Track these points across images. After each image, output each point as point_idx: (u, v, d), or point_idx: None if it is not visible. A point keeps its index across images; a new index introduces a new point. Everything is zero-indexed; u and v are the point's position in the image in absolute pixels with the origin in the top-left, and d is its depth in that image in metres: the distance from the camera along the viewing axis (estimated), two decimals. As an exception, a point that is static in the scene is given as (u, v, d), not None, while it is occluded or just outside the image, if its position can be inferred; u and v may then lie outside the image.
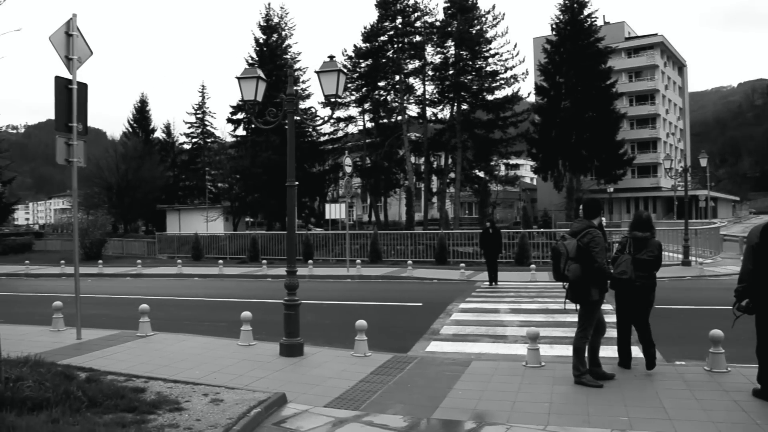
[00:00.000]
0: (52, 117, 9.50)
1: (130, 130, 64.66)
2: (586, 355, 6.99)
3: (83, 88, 9.79)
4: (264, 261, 26.23)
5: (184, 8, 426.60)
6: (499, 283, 17.66)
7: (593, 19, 50.55)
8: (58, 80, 9.42)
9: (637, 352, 7.65)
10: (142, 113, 65.33)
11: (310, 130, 47.17)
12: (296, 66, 47.29)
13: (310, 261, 24.60)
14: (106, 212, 47.02)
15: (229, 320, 11.82)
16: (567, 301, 7.01)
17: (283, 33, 48.21)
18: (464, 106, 46.31)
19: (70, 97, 9.47)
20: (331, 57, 8.71)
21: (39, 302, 15.83)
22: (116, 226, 53.68)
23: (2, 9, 6.13)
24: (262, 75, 8.65)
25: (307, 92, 47.71)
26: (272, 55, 46.43)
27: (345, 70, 8.52)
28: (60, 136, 9.42)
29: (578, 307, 6.92)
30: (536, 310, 12.82)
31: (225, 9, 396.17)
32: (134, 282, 22.32)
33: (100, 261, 28.90)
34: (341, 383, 7.12)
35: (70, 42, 9.59)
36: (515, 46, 45.82)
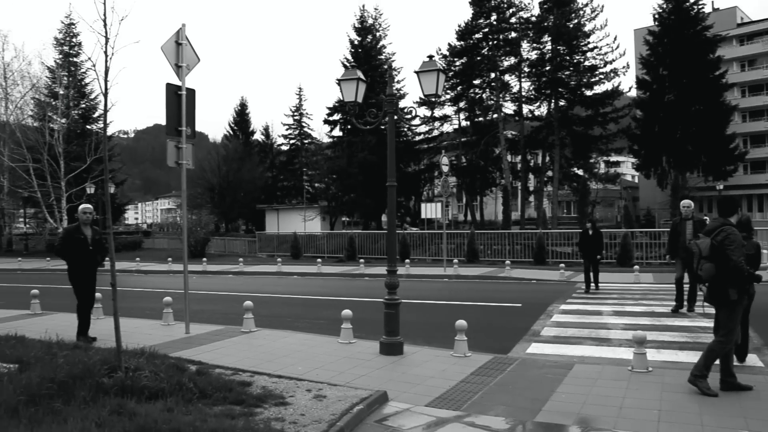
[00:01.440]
0: (159, 122, 10.01)
1: (231, 132, 67.11)
2: (717, 362, 6.62)
3: (191, 93, 10.23)
4: (361, 260, 26.55)
5: (282, 14, 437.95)
6: (600, 286, 17.01)
7: (700, 6, 47.99)
8: (169, 87, 9.88)
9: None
10: (242, 116, 67.66)
11: (406, 129, 47.39)
12: (391, 66, 47.61)
13: (407, 260, 24.70)
14: (209, 212, 49.03)
15: (329, 318, 12.03)
16: (705, 304, 6.73)
17: (378, 34, 48.73)
18: (562, 103, 45.27)
19: (179, 102, 9.92)
20: (430, 57, 8.70)
21: (149, 297, 16.63)
22: (218, 226, 55.84)
23: (124, 23, 6.49)
24: (362, 76, 8.75)
25: (402, 92, 48.00)
26: (367, 56, 47.01)
27: (444, 69, 8.47)
28: (170, 139, 9.88)
29: (717, 309, 6.59)
30: (641, 312, 12.34)
31: (321, 13, 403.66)
32: (236, 279, 23.10)
33: (204, 259, 30.14)
34: (441, 383, 7.10)
35: (179, 50, 10.04)
36: (615, 39, 44.28)
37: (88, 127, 48.98)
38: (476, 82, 47.19)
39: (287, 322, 11.96)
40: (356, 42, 48.25)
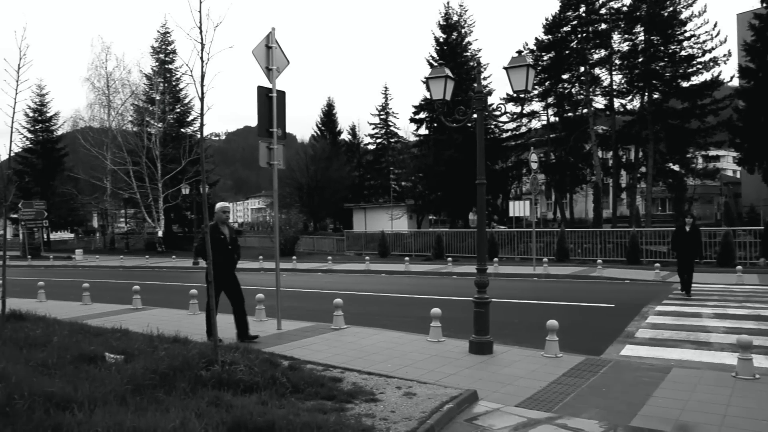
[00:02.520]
0: (249, 124, 10.31)
1: (318, 133, 68.28)
2: None
3: (281, 95, 10.46)
4: (449, 258, 26.46)
5: (367, 14, 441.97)
6: (700, 285, 16.23)
7: (815, -16, 44.67)
8: (260, 90, 10.15)
9: None
10: (329, 116, 68.71)
11: (493, 126, 46.87)
12: (476, 63, 47.12)
13: (496, 259, 24.42)
14: (298, 211, 50.08)
15: (417, 316, 12.05)
16: None
17: (463, 31, 48.32)
18: (656, 95, 43.43)
19: (270, 104, 10.18)
20: (519, 52, 8.62)
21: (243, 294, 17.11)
22: (307, 225, 56.96)
23: (218, 30, 6.76)
24: (450, 74, 8.70)
25: (488, 89, 47.49)
26: (452, 53, 46.74)
27: (533, 65, 8.31)
28: (262, 141, 10.16)
29: None
30: (745, 316, 11.72)
31: (406, 11, 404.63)
32: (325, 277, 23.49)
33: (294, 257, 30.82)
34: (532, 383, 6.98)
35: (269, 54, 10.29)
36: (715, 25, 41.86)
37: (182, 130, 51.02)
38: (565, 76, 46.01)
39: (376, 319, 12.06)
40: (441, 39, 48.02)
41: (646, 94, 43.54)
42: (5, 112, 9.10)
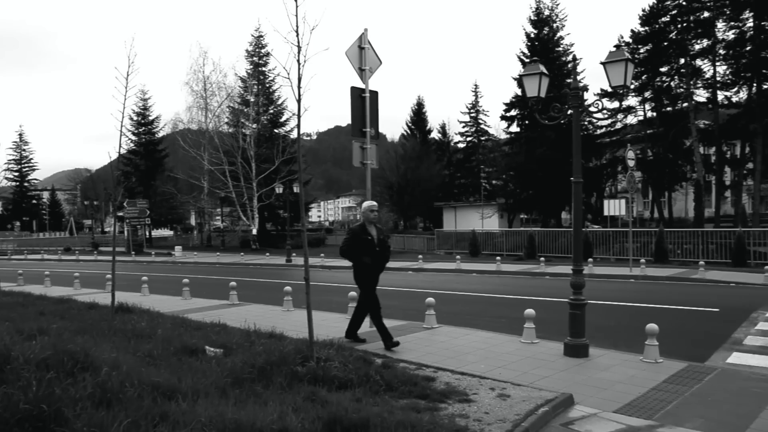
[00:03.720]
0: (340, 124, 10.46)
1: (408, 132, 68.50)
2: None
3: (374, 95, 10.55)
4: (541, 258, 25.95)
5: (456, 12, 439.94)
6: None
7: None
8: (354, 90, 10.28)
9: None
10: (418, 115, 68.77)
11: (586, 123, 45.61)
12: (569, 58, 45.97)
13: (590, 259, 23.76)
14: (389, 210, 50.41)
15: (509, 316, 11.89)
16: None
17: (555, 25, 47.17)
18: (765, 86, 41.03)
19: (363, 105, 10.29)
20: (617, 46, 8.38)
21: (335, 291, 17.43)
22: (397, 223, 57.25)
23: (315, 32, 6.90)
24: (545, 70, 8.52)
25: (582, 84, 46.22)
26: (544, 48, 45.72)
27: (632, 59, 8.02)
28: (356, 140, 10.28)
29: None
30: None
31: (495, 8, 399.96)
32: (416, 276, 23.53)
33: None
34: (631, 389, 6.74)
35: (362, 55, 10.40)
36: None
37: (275, 131, 52.34)
38: (663, 69, 44.09)
39: (467, 319, 11.98)
40: (532, 35, 47.07)
41: (755, 84, 41.07)
42: (115, 117, 9.62)
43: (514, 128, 49.37)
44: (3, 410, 3.85)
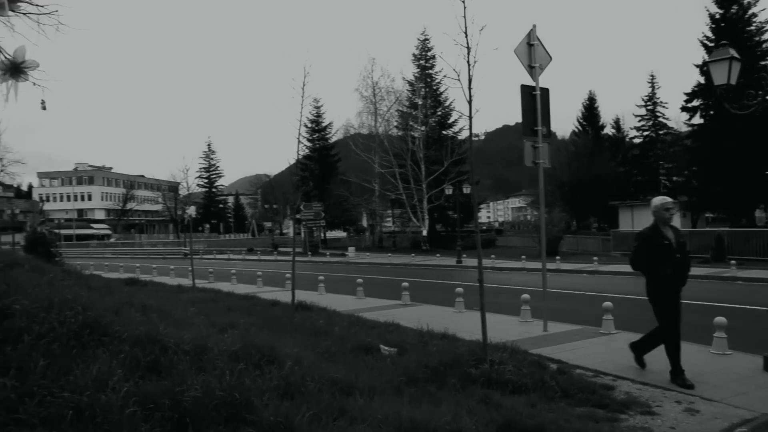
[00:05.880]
0: (507, 123, 10.29)
1: (580, 128, 66.13)
2: None
3: (545, 93, 10.30)
4: (732, 261, 23.90)
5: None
6: None
7: None
8: (524, 88, 10.09)
9: None
10: (590, 111, 66.14)
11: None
12: (764, 37, 41.77)
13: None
14: (561, 210, 49.02)
15: (694, 323, 11.01)
16: None
17: (745, 2, 43.10)
18: None
19: (534, 102, 10.07)
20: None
21: (506, 293, 17.18)
22: (569, 224, 55.45)
23: (483, 32, 6.89)
24: (736, 54, 7.81)
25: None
26: (732, 30, 41.89)
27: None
28: (527, 139, 10.09)
29: None
30: None
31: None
32: (590, 279, 22.62)
33: (557, 257, 30.16)
34: None
35: (531, 51, 10.19)
36: None
37: (443, 132, 52.76)
38: None
39: (648, 325, 11.26)
40: (717, 15, 43.31)
41: None
42: (292, 125, 10.20)
43: (697, 120, 45.88)
44: (203, 395, 4.19)
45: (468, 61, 6.32)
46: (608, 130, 66.29)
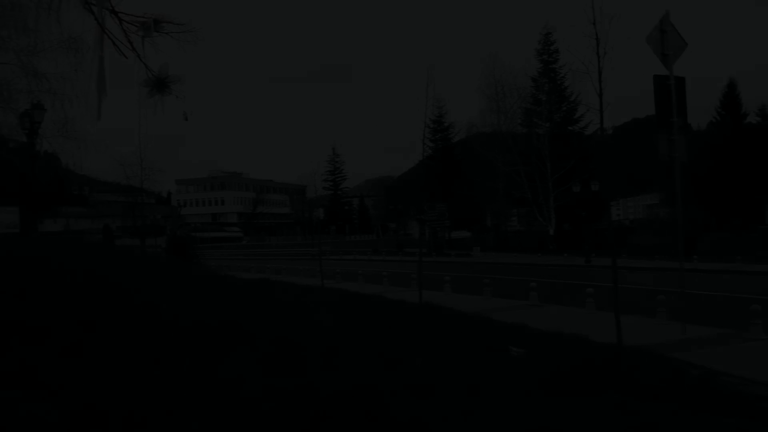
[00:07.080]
0: (637, 116, 9.80)
1: (718, 118, 62.10)
2: None
3: (680, 82, 9.77)
4: None
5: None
6: None
7: None
8: (657, 79, 9.63)
9: None
10: (730, 98, 61.91)
11: None
12: None
13: None
14: (697, 206, 46.30)
15: None
16: None
17: None
18: None
19: (668, 93, 9.55)
20: None
21: (640, 294, 16.36)
22: (707, 221, 52.22)
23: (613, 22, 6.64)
24: None
25: None
26: None
27: None
28: (661, 133, 9.59)
29: None
30: None
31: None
32: (733, 279, 21.40)
33: (695, 256, 28.58)
34: None
35: (664, 39, 9.67)
36: None
37: (569, 128, 51.20)
38: None
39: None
40: None
41: None
42: (417, 126, 10.30)
43: None
44: (335, 393, 4.31)
45: (597, 53, 6.10)
46: (752, 119, 61.76)
